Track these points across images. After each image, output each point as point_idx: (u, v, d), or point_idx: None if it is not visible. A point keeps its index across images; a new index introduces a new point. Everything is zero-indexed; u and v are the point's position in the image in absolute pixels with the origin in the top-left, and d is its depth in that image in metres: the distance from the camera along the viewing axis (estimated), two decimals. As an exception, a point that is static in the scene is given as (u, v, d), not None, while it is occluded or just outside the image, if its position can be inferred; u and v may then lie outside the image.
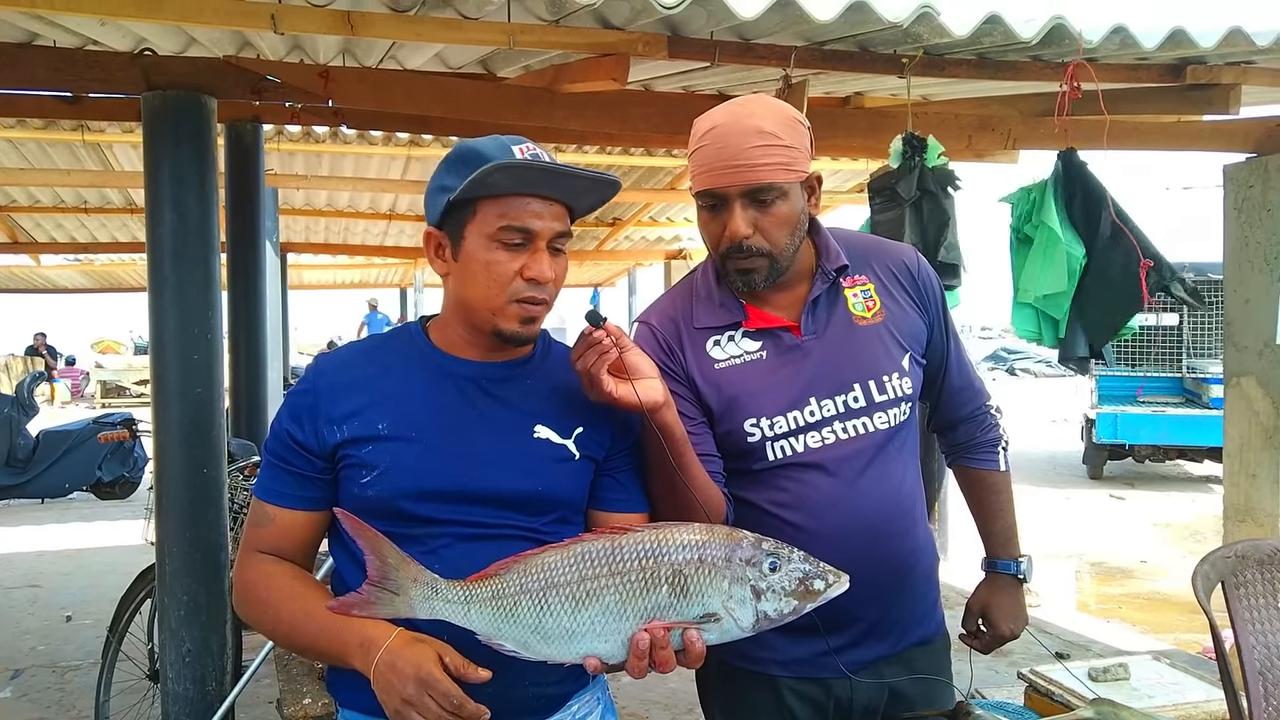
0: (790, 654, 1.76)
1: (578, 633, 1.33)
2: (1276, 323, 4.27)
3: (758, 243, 1.64)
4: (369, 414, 1.48)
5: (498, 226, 1.43)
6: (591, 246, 10.55)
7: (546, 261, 1.45)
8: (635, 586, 1.32)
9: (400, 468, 1.46)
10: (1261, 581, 2.76)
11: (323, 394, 1.50)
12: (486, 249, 1.44)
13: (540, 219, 1.44)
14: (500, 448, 1.50)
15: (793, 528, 1.70)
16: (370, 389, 1.51)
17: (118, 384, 21.12)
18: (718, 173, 1.62)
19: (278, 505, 1.52)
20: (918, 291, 1.82)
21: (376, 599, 1.34)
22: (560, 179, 1.45)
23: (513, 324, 1.47)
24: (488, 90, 3.68)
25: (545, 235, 1.45)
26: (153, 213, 3.17)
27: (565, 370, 1.56)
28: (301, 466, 1.50)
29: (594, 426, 1.56)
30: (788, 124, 1.64)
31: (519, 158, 1.42)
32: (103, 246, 9.87)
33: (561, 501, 1.54)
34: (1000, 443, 1.99)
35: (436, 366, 1.53)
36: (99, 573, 6.71)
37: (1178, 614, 5.98)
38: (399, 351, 1.56)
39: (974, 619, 2.00)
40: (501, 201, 1.43)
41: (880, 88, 4.20)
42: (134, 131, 5.81)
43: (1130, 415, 10.52)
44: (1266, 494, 4.31)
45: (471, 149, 1.46)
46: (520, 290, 1.45)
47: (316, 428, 1.48)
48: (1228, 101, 3.52)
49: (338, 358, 1.59)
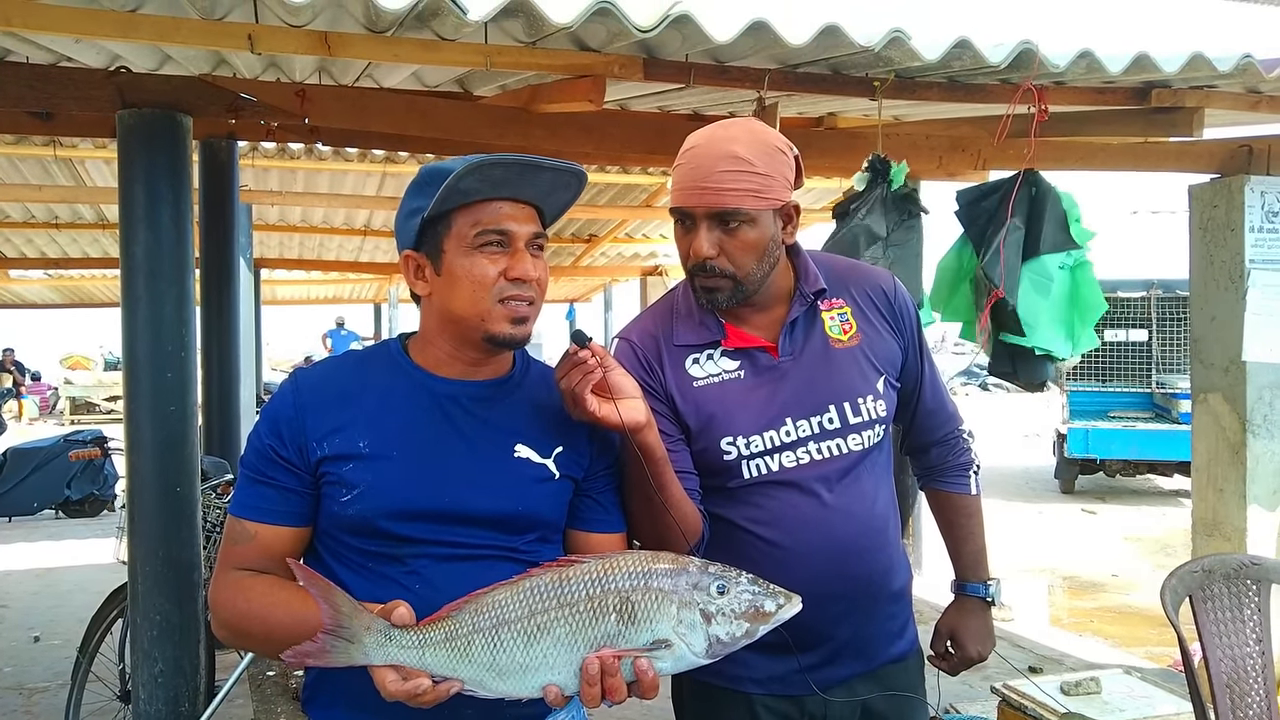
0: (765, 671, 1.78)
1: (531, 667, 1.33)
2: (1242, 340, 4.34)
3: (721, 264, 1.67)
4: (349, 432, 1.48)
5: (474, 233, 1.45)
6: (568, 262, 10.57)
7: (528, 260, 1.48)
8: (584, 617, 1.33)
9: (380, 487, 1.46)
10: (1228, 595, 2.81)
11: (306, 409, 1.50)
12: (467, 257, 1.46)
13: (515, 220, 1.47)
14: (480, 467, 1.50)
15: (768, 544, 1.72)
16: (351, 406, 1.50)
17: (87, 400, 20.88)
18: (687, 192, 1.66)
19: (258, 521, 1.49)
20: (894, 316, 1.85)
21: (331, 647, 1.33)
22: (528, 172, 1.46)
23: (503, 325, 1.47)
24: (465, 109, 3.70)
25: (523, 236, 1.48)
26: (127, 230, 3.16)
27: (545, 389, 1.58)
28: (284, 480, 1.49)
29: (573, 446, 1.57)
30: (766, 151, 1.66)
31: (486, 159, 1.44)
32: (74, 262, 9.79)
33: (541, 521, 1.55)
34: (972, 466, 2.02)
35: (417, 385, 1.53)
36: (68, 592, 6.62)
37: (1149, 627, 6.05)
38: (379, 369, 1.56)
39: (943, 641, 2.02)
40: (474, 209, 1.46)
41: (853, 109, 4.25)
42: (106, 147, 5.78)
43: (1101, 430, 10.65)
44: (1234, 508, 4.37)
45: (436, 169, 1.47)
46: (505, 290, 1.46)
47: (300, 442, 1.48)
48: (1191, 124, 3.58)
49: (317, 373, 1.58)
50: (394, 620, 1.32)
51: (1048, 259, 3.24)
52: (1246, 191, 4.34)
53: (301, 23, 2.58)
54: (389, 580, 1.47)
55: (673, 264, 11.22)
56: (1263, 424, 4.35)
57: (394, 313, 16.53)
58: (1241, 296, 4.34)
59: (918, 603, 2.07)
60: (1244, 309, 4.35)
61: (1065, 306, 3.27)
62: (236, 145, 5.35)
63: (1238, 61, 3.12)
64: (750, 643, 1.38)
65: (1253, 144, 4.40)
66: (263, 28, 2.57)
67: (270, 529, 1.50)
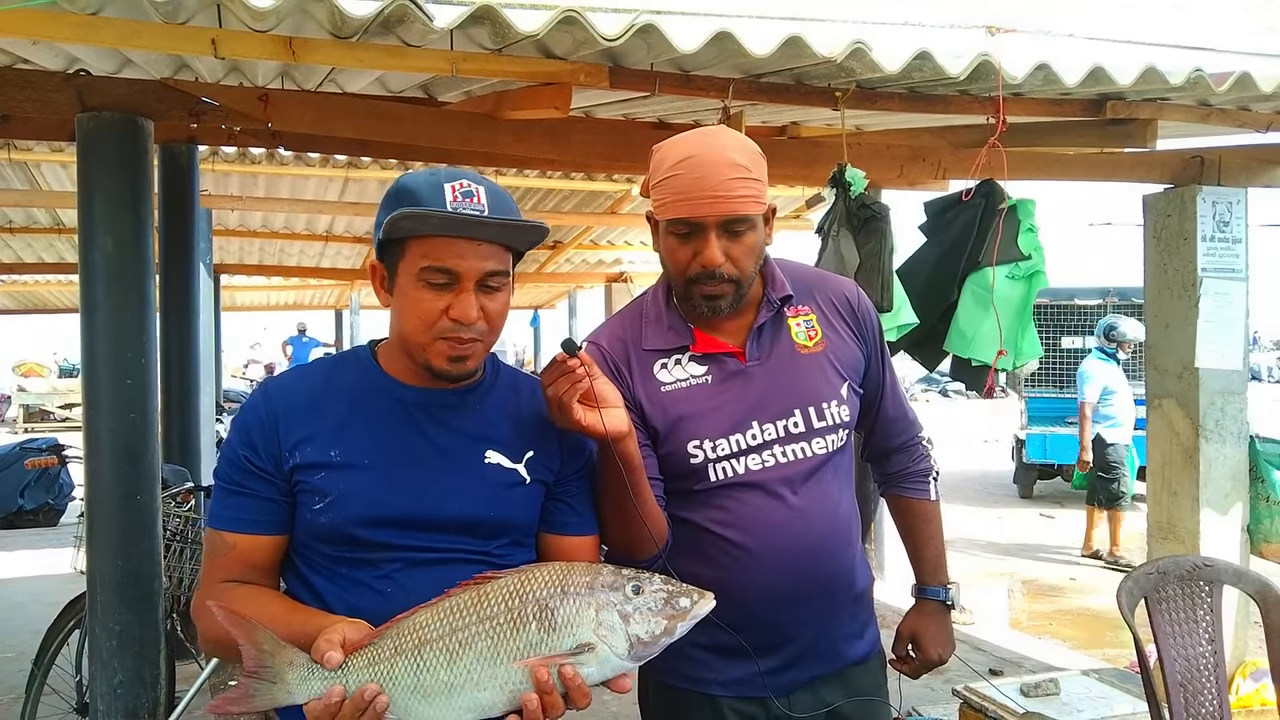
0: (729, 674, 1.80)
1: (456, 685, 1.33)
2: (1195, 346, 4.44)
3: (728, 270, 1.69)
4: (321, 440, 1.49)
5: (421, 267, 1.44)
6: (532, 269, 10.57)
7: (471, 302, 1.44)
8: (505, 629, 1.34)
9: (352, 495, 1.47)
10: (1182, 596, 2.87)
11: (277, 417, 1.50)
12: (414, 287, 1.45)
13: (463, 260, 1.43)
14: (451, 474, 1.51)
15: (734, 546, 1.74)
16: (322, 414, 1.51)
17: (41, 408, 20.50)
18: (696, 202, 1.65)
19: (237, 532, 1.49)
20: (857, 323, 1.88)
21: (254, 691, 1.32)
22: (474, 228, 1.43)
23: (441, 362, 1.47)
24: (430, 115, 3.69)
25: (471, 276, 1.44)
26: (86, 236, 3.12)
27: (514, 394, 1.59)
28: (260, 489, 1.49)
29: (544, 450, 1.58)
30: (754, 157, 1.69)
31: (448, 200, 1.42)
32: (28, 267, 9.62)
33: (512, 526, 1.56)
34: (931, 473, 2.06)
35: (387, 393, 1.54)
36: (20, 604, 6.48)
37: (1106, 629, 6.14)
38: (350, 376, 1.56)
39: (904, 644, 2.05)
40: (426, 242, 1.43)
41: (816, 118, 4.29)
42: (63, 151, 5.70)
43: (1059, 436, 10.79)
44: (1188, 511, 4.46)
45: (404, 187, 1.46)
46: (445, 329, 1.45)
47: (274, 451, 1.48)
48: (1145, 135, 3.66)
49: (288, 382, 1.59)
50: (325, 660, 1.30)
51: (990, 271, 3.29)
52: (1199, 201, 4.44)
53: (265, 27, 2.57)
54: (362, 585, 1.48)
55: (638, 270, 11.25)
56: (1215, 429, 4.44)
57: (355, 319, 16.39)
58: (1194, 304, 4.44)
59: (880, 606, 2.10)
60: (1197, 316, 4.44)
61: (1012, 317, 3.32)
62: (197, 150, 5.29)
63: (1189, 74, 3.20)
64: (672, 641, 1.40)
65: (1204, 155, 4.51)
66: (226, 32, 2.56)
67: (249, 539, 1.50)
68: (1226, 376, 4.49)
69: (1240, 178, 4.54)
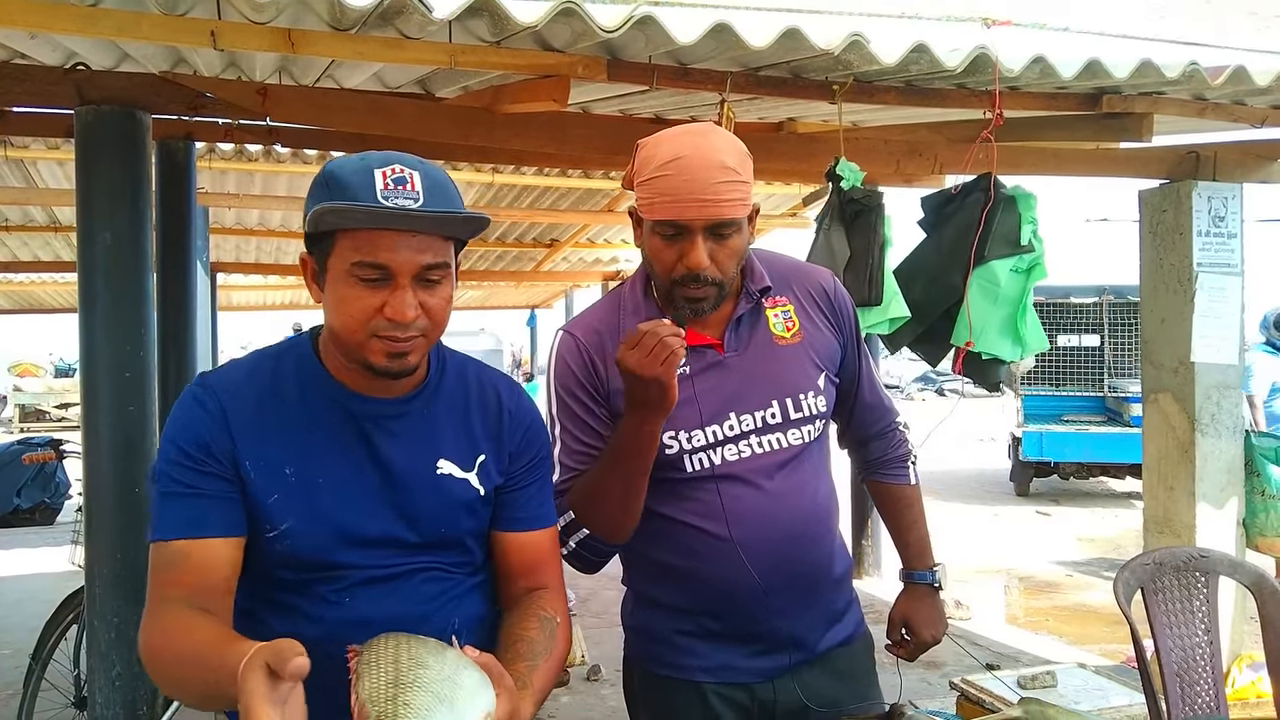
0: (714, 660, 1.81)
1: None
2: (1190, 341, 4.45)
3: (712, 273, 1.68)
4: (273, 453, 1.40)
5: (351, 262, 1.33)
6: (529, 268, 10.55)
7: (407, 300, 1.34)
8: None
9: (309, 525, 1.40)
10: (1178, 587, 2.88)
11: (228, 416, 1.40)
12: (345, 284, 1.34)
13: (397, 254, 1.32)
14: (406, 491, 1.45)
15: (713, 538, 1.75)
16: (271, 422, 1.42)
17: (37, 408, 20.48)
18: (684, 204, 1.63)
19: (193, 538, 1.35)
20: (834, 313, 1.89)
21: None
22: (405, 220, 1.32)
23: (380, 359, 1.37)
24: (428, 109, 3.69)
25: (407, 271, 1.33)
26: (85, 230, 3.13)
27: (464, 389, 1.53)
28: (215, 488, 1.37)
29: (496, 448, 1.53)
30: (742, 158, 1.68)
31: (378, 189, 1.30)
32: (24, 265, 9.60)
33: (462, 541, 1.52)
34: (910, 458, 2.07)
35: (337, 403, 1.44)
36: (17, 601, 6.49)
37: (1102, 625, 6.16)
38: (294, 378, 1.46)
39: (897, 629, 2.06)
40: (356, 235, 1.32)
41: (812, 114, 4.30)
42: (59, 148, 5.69)
43: (1055, 434, 10.82)
44: (1183, 505, 4.48)
45: (331, 175, 1.35)
46: (381, 328, 1.35)
47: (228, 448, 1.38)
48: (1141, 129, 3.67)
49: (230, 378, 1.46)
50: (293, 668, 1.07)
51: (996, 265, 3.30)
52: (1194, 196, 4.46)
53: (265, 19, 2.57)
54: (321, 599, 1.43)
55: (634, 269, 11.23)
56: (1210, 423, 4.46)
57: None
58: (1190, 299, 4.45)
59: (877, 601, 2.11)
60: (1192, 311, 4.46)
61: (1014, 311, 3.32)
62: (194, 147, 5.29)
63: (1185, 68, 3.21)
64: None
65: (1200, 150, 4.52)
66: (225, 24, 2.56)
67: (206, 545, 1.35)
68: (1222, 371, 4.50)
69: (1236, 173, 4.56)
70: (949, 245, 3.42)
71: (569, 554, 1.76)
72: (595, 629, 5.01)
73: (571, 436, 1.78)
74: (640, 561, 1.88)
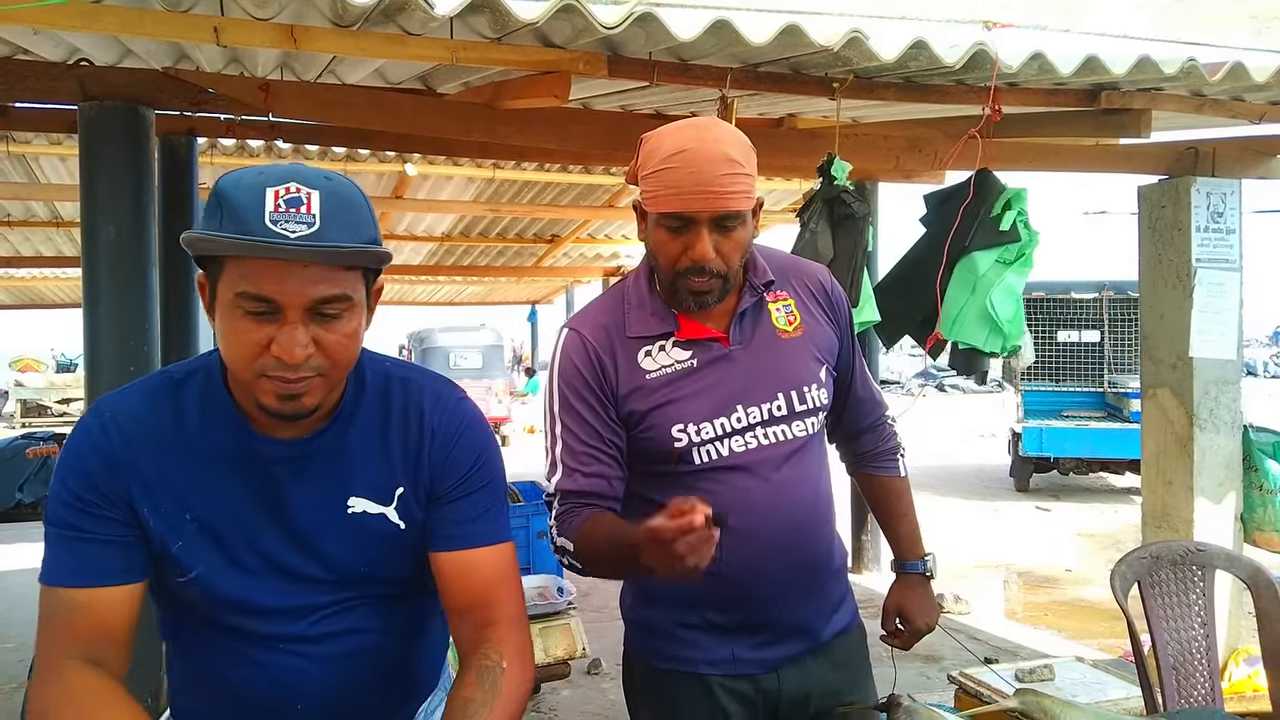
0: (717, 653, 1.82)
1: None
2: (1189, 336, 4.47)
3: (717, 265, 1.68)
4: (171, 497, 1.30)
5: (235, 293, 1.18)
6: (529, 263, 10.57)
7: (296, 338, 1.19)
8: None
9: (220, 574, 1.32)
10: (1175, 581, 2.90)
11: (118, 454, 1.28)
12: (230, 315, 1.20)
13: (284, 285, 1.18)
14: (316, 535, 1.35)
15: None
16: (169, 458, 1.30)
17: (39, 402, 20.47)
18: (690, 197, 1.64)
19: (90, 587, 1.24)
20: (831, 307, 1.91)
21: None
22: (284, 253, 1.17)
23: (270, 400, 1.23)
24: (429, 104, 3.71)
25: (297, 305, 1.19)
26: (88, 224, 3.15)
27: (384, 411, 1.39)
28: (110, 532, 1.26)
29: (415, 478, 1.40)
30: (747, 151, 1.69)
31: (266, 210, 1.16)
32: (26, 261, 9.62)
33: (383, 579, 1.41)
34: (899, 450, 2.10)
35: (238, 441, 1.32)
36: (19, 595, 6.51)
37: (1100, 620, 6.18)
38: (198, 410, 1.32)
39: (892, 619, 2.08)
40: (243, 263, 1.18)
41: (812, 110, 4.32)
42: (62, 143, 5.71)
43: (1055, 429, 10.83)
44: (1181, 500, 4.50)
45: (223, 192, 1.19)
46: (269, 367, 1.20)
47: (120, 491, 1.27)
48: (1139, 125, 3.69)
49: (127, 407, 1.32)
50: None
51: (978, 255, 3.31)
52: (1193, 192, 4.47)
53: (267, 16, 2.59)
54: (256, 640, 1.37)
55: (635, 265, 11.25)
56: (1209, 418, 4.47)
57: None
58: (1189, 294, 4.47)
59: (876, 596, 2.13)
60: (1191, 306, 4.47)
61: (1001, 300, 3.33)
62: (196, 142, 5.30)
63: (1183, 64, 3.22)
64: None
65: (1198, 146, 4.54)
66: (228, 20, 2.58)
67: (105, 593, 1.25)
68: (1220, 366, 4.52)
69: (1234, 169, 4.57)
70: (938, 240, 3.45)
71: (565, 562, 1.78)
72: (596, 623, 5.03)
73: (574, 436, 1.77)
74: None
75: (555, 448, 1.78)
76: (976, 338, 3.31)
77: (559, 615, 2.97)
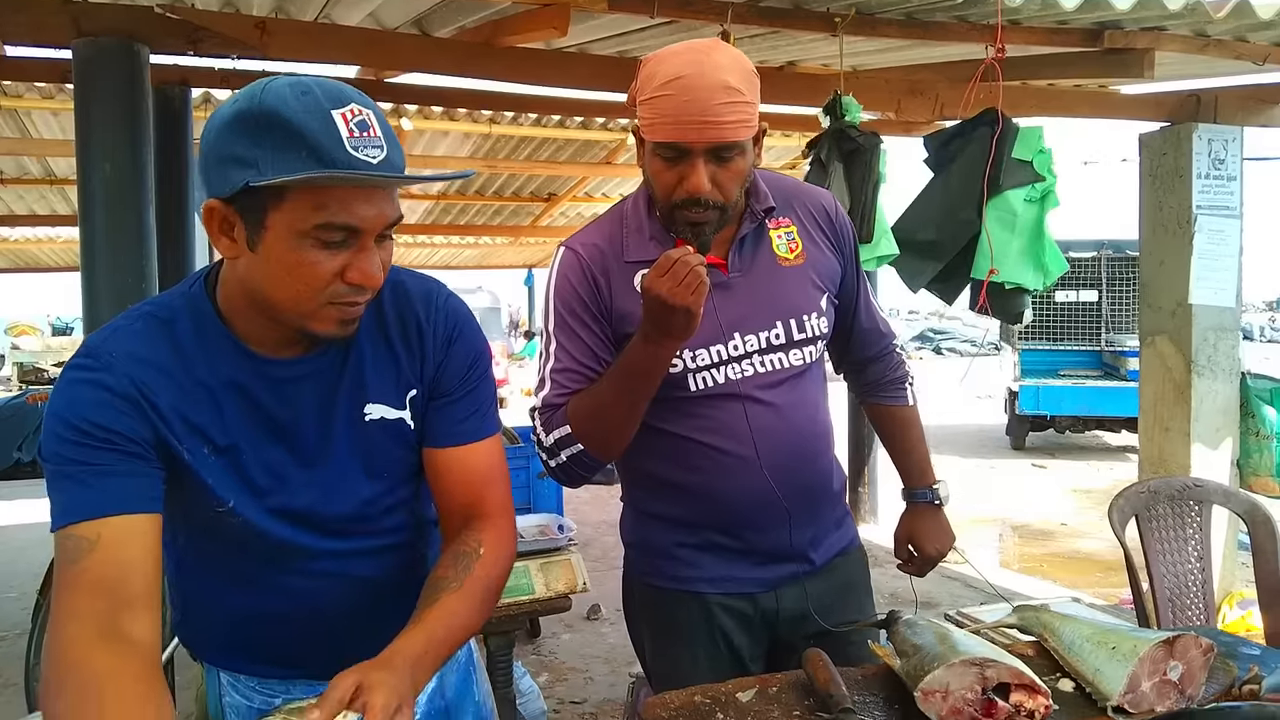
0: (716, 572, 1.82)
1: None
2: (1189, 283, 4.47)
3: (713, 197, 1.64)
4: (190, 431, 1.26)
5: (314, 224, 1.14)
6: (526, 222, 10.52)
7: (375, 260, 1.20)
8: None
9: (248, 506, 1.31)
10: (1172, 515, 2.92)
11: (144, 392, 1.22)
12: (298, 247, 1.16)
13: (368, 212, 1.17)
14: (339, 446, 1.35)
15: (719, 453, 1.75)
16: (179, 393, 1.25)
17: (35, 365, 20.44)
18: (684, 126, 1.59)
19: (102, 516, 1.16)
20: (835, 234, 1.87)
21: None
22: (389, 182, 1.18)
23: (329, 327, 1.22)
24: (427, 44, 3.67)
25: (375, 230, 1.19)
26: (84, 162, 3.11)
27: (379, 323, 1.38)
28: (129, 467, 1.19)
29: (421, 383, 1.40)
30: (748, 77, 1.64)
31: (344, 136, 1.12)
32: (20, 219, 9.56)
33: (408, 476, 1.43)
34: (909, 379, 2.07)
35: (247, 370, 1.29)
36: (20, 548, 6.54)
37: (1096, 571, 6.23)
38: (196, 344, 1.28)
39: (903, 547, 2.08)
40: (321, 192, 1.13)
41: (813, 56, 4.28)
42: (54, 97, 5.65)
43: (1052, 388, 10.86)
44: (1179, 446, 4.52)
45: (277, 116, 1.11)
46: (340, 294, 1.20)
47: (147, 424, 1.22)
48: (1143, 66, 3.66)
49: (129, 349, 1.25)
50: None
51: (1011, 195, 3.28)
52: (1194, 139, 4.46)
53: (263, -56, 2.56)
54: (296, 570, 1.38)
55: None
56: (1207, 364, 4.49)
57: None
58: (1189, 241, 4.47)
59: (874, 547, 2.13)
60: (1191, 254, 4.47)
61: (1032, 239, 3.32)
62: (190, 93, 5.25)
63: (1186, 1, 3.19)
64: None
65: (1200, 94, 4.52)
66: (223, -51, 2.54)
67: (119, 524, 1.16)
68: (1219, 313, 4.53)
69: (1236, 116, 4.56)
70: (959, 181, 3.40)
71: (558, 467, 1.75)
72: (595, 572, 5.06)
73: (566, 354, 1.75)
74: (641, 477, 1.88)
75: (547, 365, 1.77)
76: (1024, 276, 3.31)
77: (560, 551, 2.98)
